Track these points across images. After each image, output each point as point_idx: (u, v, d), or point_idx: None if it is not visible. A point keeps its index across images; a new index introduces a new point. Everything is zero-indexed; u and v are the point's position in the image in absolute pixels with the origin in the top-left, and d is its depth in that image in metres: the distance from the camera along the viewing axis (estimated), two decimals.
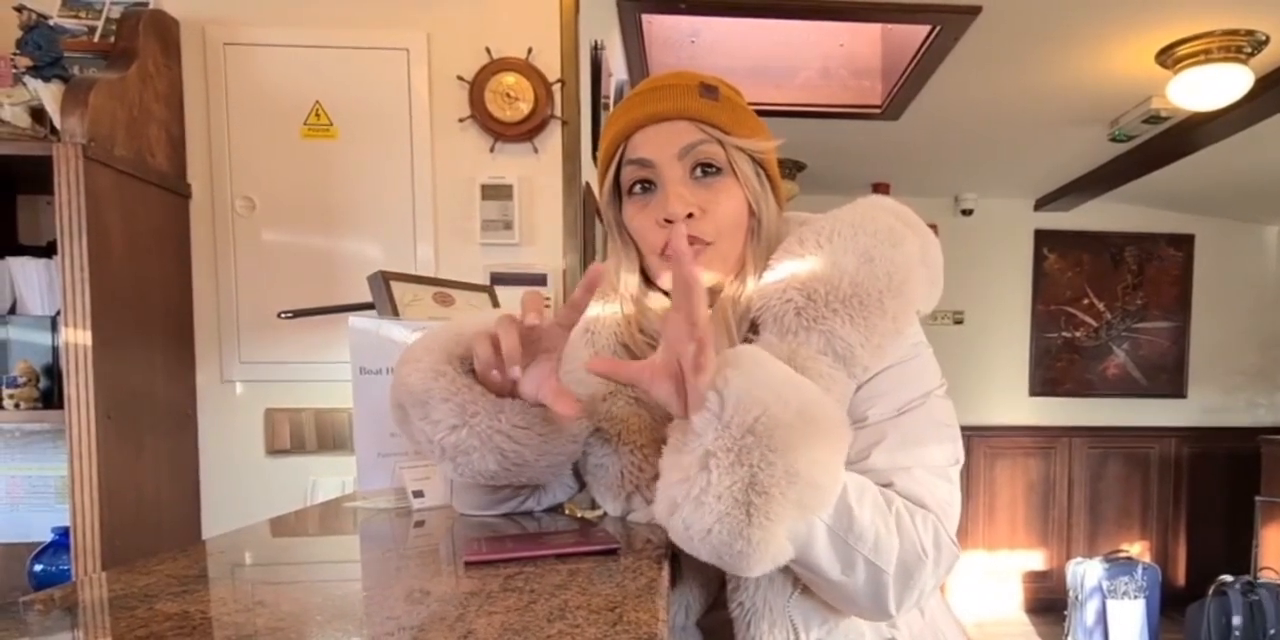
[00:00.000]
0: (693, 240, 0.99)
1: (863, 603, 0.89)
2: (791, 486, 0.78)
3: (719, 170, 1.01)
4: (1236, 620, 4.06)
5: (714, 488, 0.78)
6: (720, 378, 0.79)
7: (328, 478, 2.14)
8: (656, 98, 1.02)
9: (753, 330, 1.00)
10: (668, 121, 1.00)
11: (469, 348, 0.94)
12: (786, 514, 0.79)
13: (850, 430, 0.87)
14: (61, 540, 1.82)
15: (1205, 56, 3.12)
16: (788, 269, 0.97)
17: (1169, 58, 3.19)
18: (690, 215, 0.99)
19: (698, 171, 1.00)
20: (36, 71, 1.77)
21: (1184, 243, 5.61)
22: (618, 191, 1.06)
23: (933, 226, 5.53)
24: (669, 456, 0.84)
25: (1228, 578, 4.20)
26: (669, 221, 0.99)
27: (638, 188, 1.03)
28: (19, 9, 1.82)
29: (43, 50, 1.76)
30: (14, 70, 1.77)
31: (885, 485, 0.90)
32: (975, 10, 2.84)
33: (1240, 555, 4.90)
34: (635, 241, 1.06)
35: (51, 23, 1.86)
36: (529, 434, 0.96)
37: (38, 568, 1.86)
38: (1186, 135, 3.94)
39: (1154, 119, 3.81)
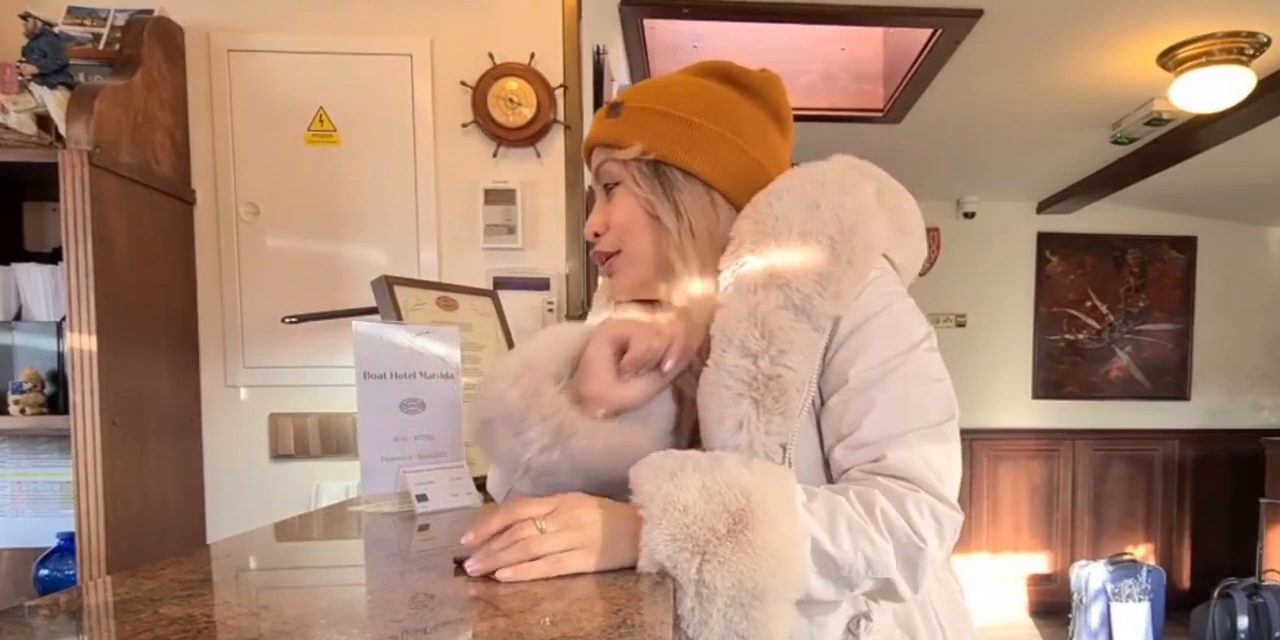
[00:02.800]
0: (602, 256, 1.11)
1: (879, 595, 0.93)
2: (768, 598, 0.82)
3: (618, 184, 1.08)
4: (1242, 623, 4.04)
5: (709, 631, 0.82)
6: (645, 546, 0.82)
7: (332, 482, 2.14)
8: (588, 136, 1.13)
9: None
10: (591, 152, 1.11)
11: (569, 365, 1.03)
12: (775, 610, 0.83)
13: (791, 482, 0.88)
14: (67, 545, 1.82)
15: (1207, 58, 3.12)
16: (743, 232, 1.00)
17: (1170, 60, 3.19)
18: (597, 234, 1.10)
19: (606, 190, 1.10)
20: (42, 79, 1.77)
21: (1186, 245, 5.60)
22: None
23: (935, 229, 5.51)
24: None
25: (1232, 580, 4.19)
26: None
27: None
28: (25, 17, 1.83)
29: (48, 58, 1.77)
30: (20, 77, 1.78)
31: (877, 460, 0.92)
32: (977, 13, 2.84)
33: (1245, 558, 4.89)
34: None
35: (57, 30, 1.87)
36: (622, 453, 0.97)
37: (43, 572, 1.86)
38: (1189, 137, 3.93)
39: (1156, 121, 3.80)
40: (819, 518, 0.86)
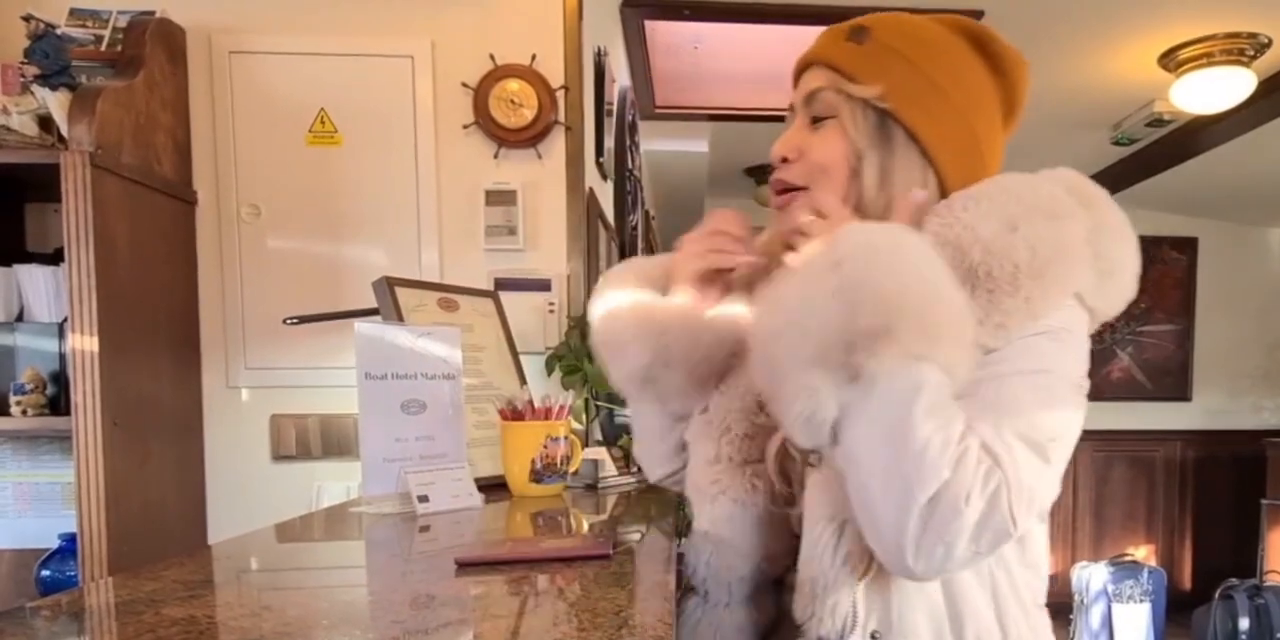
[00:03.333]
0: (782, 185, 1.00)
1: (883, 526, 0.79)
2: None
3: (829, 118, 0.97)
4: (1243, 624, 4.04)
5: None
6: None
7: (333, 483, 2.14)
8: (812, 44, 1.02)
9: None
10: (809, 67, 1.01)
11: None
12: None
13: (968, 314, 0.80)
14: (68, 546, 1.82)
15: (1208, 60, 3.12)
16: (926, 232, 0.88)
17: (1171, 61, 3.20)
18: (786, 160, 0.99)
19: (815, 120, 0.99)
20: (44, 80, 1.77)
21: (1187, 246, 5.60)
22: None
23: None
24: None
25: (1234, 581, 4.19)
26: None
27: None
28: (27, 18, 1.83)
29: (50, 59, 1.77)
30: (22, 79, 1.78)
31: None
32: (977, 14, 2.84)
33: (1246, 558, 4.89)
34: None
35: (59, 32, 1.87)
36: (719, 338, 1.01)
37: (45, 573, 1.86)
38: (1189, 138, 3.94)
39: (1157, 122, 3.81)
40: (931, 395, 0.77)
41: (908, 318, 0.76)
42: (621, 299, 1.08)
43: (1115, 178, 4.67)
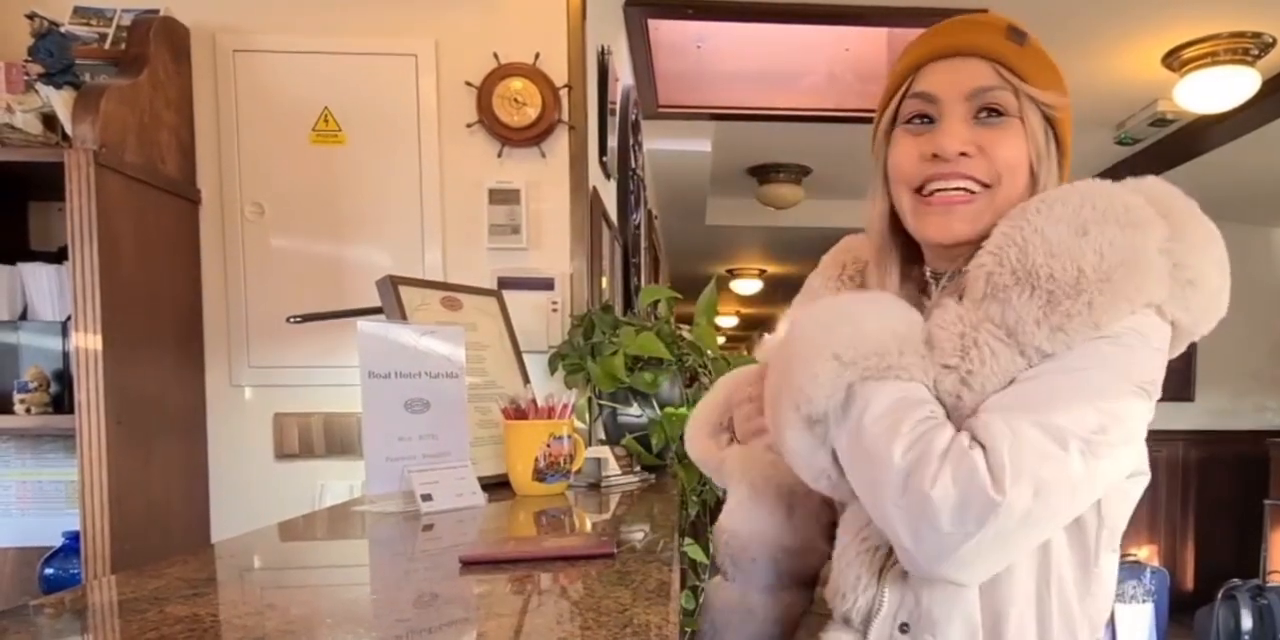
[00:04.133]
0: (963, 180, 0.93)
1: (888, 533, 0.81)
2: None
3: (1005, 115, 0.93)
4: (1246, 624, 4.04)
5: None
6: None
7: (336, 482, 2.14)
8: (960, 31, 0.97)
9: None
10: (964, 57, 0.95)
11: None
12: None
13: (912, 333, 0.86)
14: (72, 544, 1.82)
15: (1212, 59, 3.12)
16: (997, 234, 0.87)
17: (1175, 60, 3.19)
18: (965, 155, 0.93)
19: (982, 114, 0.93)
20: (48, 78, 1.77)
21: None
22: (892, 128, 1.00)
23: None
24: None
25: (1237, 582, 4.18)
26: (936, 157, 0.93)
27: (916, 120, 0.97)
28: (31, 16, 1.83)
29: (54, 57, 1.77)
30: (26, 77, 1.78)
31: (973, 418, 0.81)
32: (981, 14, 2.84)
33: (1249, 559, 4.88)
34: (890, 183, 1.00)
35: (63, 30, 1.87)
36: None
37: (48, 572, 1.86)
38: (1193, 138, 3.93)
39: (1160, 122, 3.81)
40: (881, 399, 0.82)
41: (836, 346, 0.84)
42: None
43: (1118, 177, 4.62)
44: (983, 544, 0.76)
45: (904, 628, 0.87)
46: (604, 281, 2.62)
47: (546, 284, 2.18)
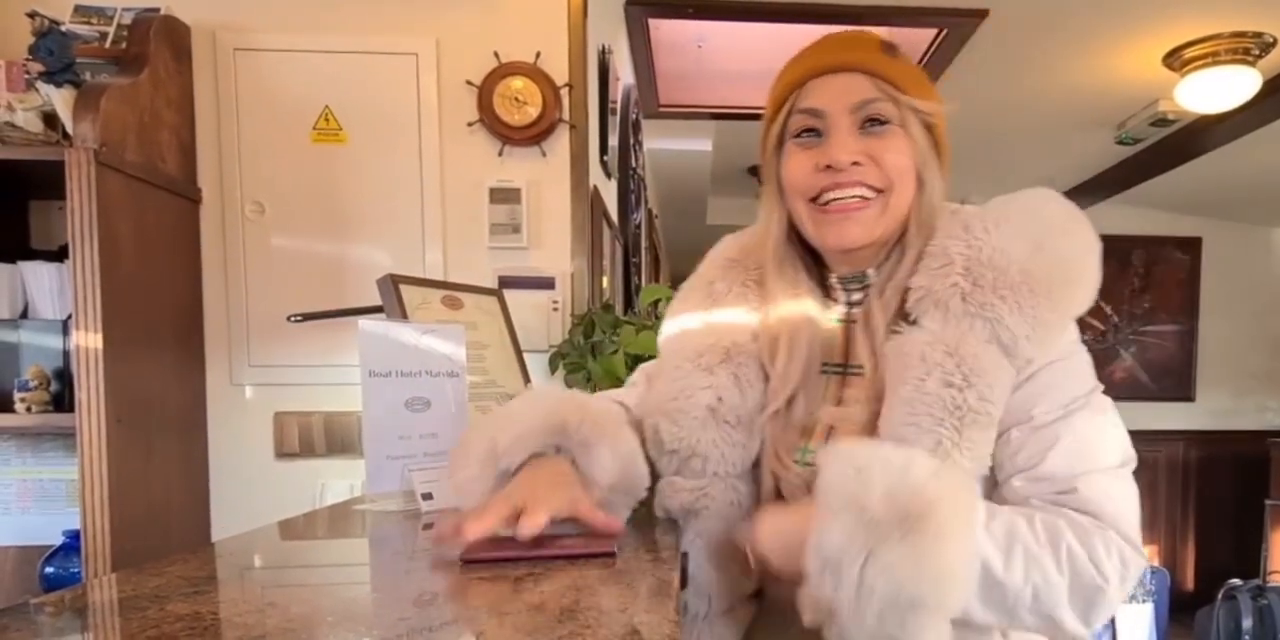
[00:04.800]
0: (858, 187, 0.98)
1: (1043, 634, 0.91)
2: (923, 610, 0.79)
3: (888, 124, 0.99)
4: (1246, 624, 4.03)
5: (858, 627, 0.81)
6: (814, 534, 0.82)
7: (337, 481, 2.14)
8: (839, 48, 1.03)
9: (903, 319, 0.97)
10: (845, 73, 1.00)
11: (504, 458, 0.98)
12: (931, 622, 0.80)
13: (975, 498, 0.86)
14: (72, 543, 1.82)
15: (1213, 59, 3.12)
16: (952, 253, 0.94)
17: (1176, 60, 3.19)
18: (857, 164, 0.98)
19: (868, 124, 0.99)
20: (49, 77, 1.78)
21: (1191, 246, 5.59)
22: (780, 143, 1.05)
23: None
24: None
25: (1237, 582, 4.17)
26: (829, 168, 0.98)
27: (805, 134, 1.02)
28: (32, 15, 1.83)
29: (55, 56, 1.77)
30: (26, 76, 1.78)
31: (1067, 492, 0.89)
32: (982, 14, 2.84)
33: (1250, 559, 4.88)
34: (785, 194, 1.05)
35: (64, 29, 1.87)
36: None
37: (49, 570, 1.86)
38: (1194, 138, 3.93)
39: (1161, 122, 3.80)
40: (996, 540, 0.84)
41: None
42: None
43: (1120, 177, 4.67)
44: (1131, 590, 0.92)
45: None
46: (604, 281, 2.62)
47: (547, 283, 2.18)
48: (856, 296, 1.06)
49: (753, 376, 1.05)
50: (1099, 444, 0.93)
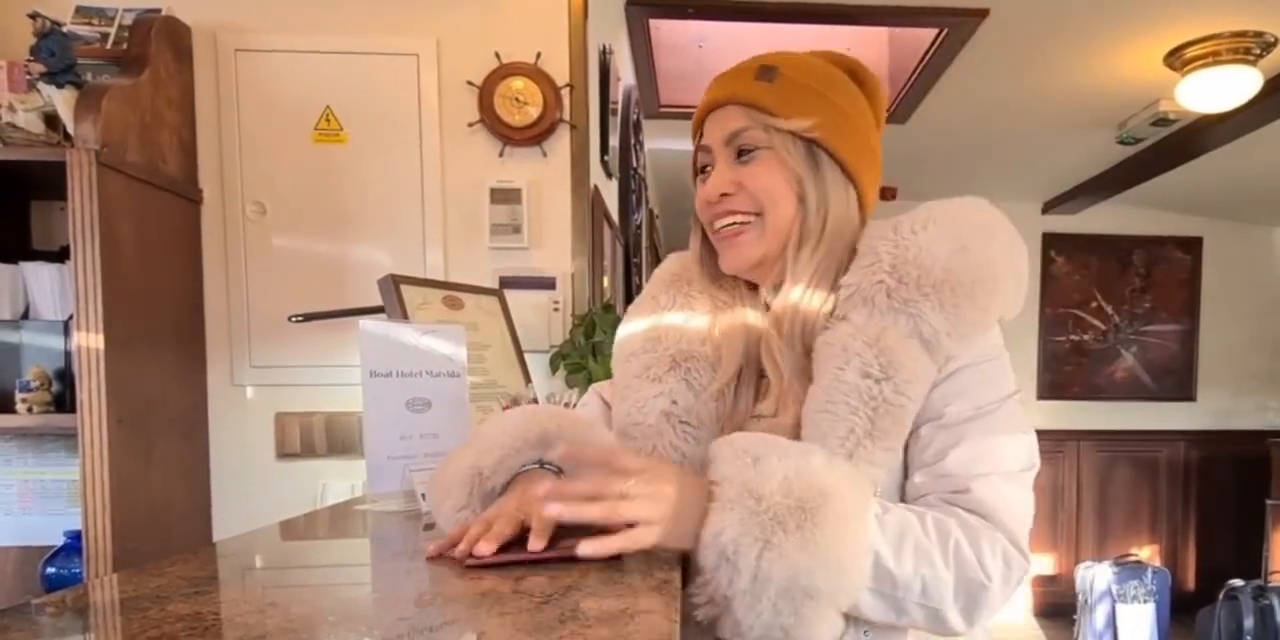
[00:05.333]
0: (731, 215, 1.05)
1: (927, 627, 0.92)
2: (818, 599, 0.82)
3: (757, 150, 1.04)
4: (1248, 624, 4.03)
5: (753, 616, 0.83)
6: (711, 526, 0.83)
7: (338, 481, 2.14)
8: (719, 84, 1.08)
9: (834, 315, 1.00)
10: (724, 107, 1.06)
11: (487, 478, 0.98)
12: (824, 612, 0.84)
13: (869, 491, 0.88)
14: (73, 543, 1.82)
15: (1214, 58, 3.11)
16: (880, 252, 0.98)
17: (1177, 60, 3.19)
18: (726, 195, 1.04)
19: (740, 155, 1.05)
20: (50, 78, 1.78)
21: (1192, 245, 5.59)
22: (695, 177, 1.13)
23: None
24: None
25: (1238, 582, 4.17)
26: (711, 201, 1.06)
27: (705, 170, 1.09)
28: (33, 16, 1.83)
29: (56, 57, 1.77)
30: (28, 76, 1.78)
31: (962, 491, 0.92)
32: (983, 13, 2.84)
33: (1250, 559, 4.88)
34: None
35: (65, 29, 1.87)
36: None
37: (50, 571, 1.86)
38: (1195, 137, 3.93)
39: (1162, 121, 3.80)
40: (888, 533, 0.86)
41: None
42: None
43: (1120, 177, 4.67)
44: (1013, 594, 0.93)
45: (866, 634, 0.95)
46: (605, 281, 2.62)
47: (548, 283, 2.18)
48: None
49: (705, 379, 1.08)
50: (1002, 448, 0.94)
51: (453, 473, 1.00)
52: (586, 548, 0.81)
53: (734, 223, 1.05)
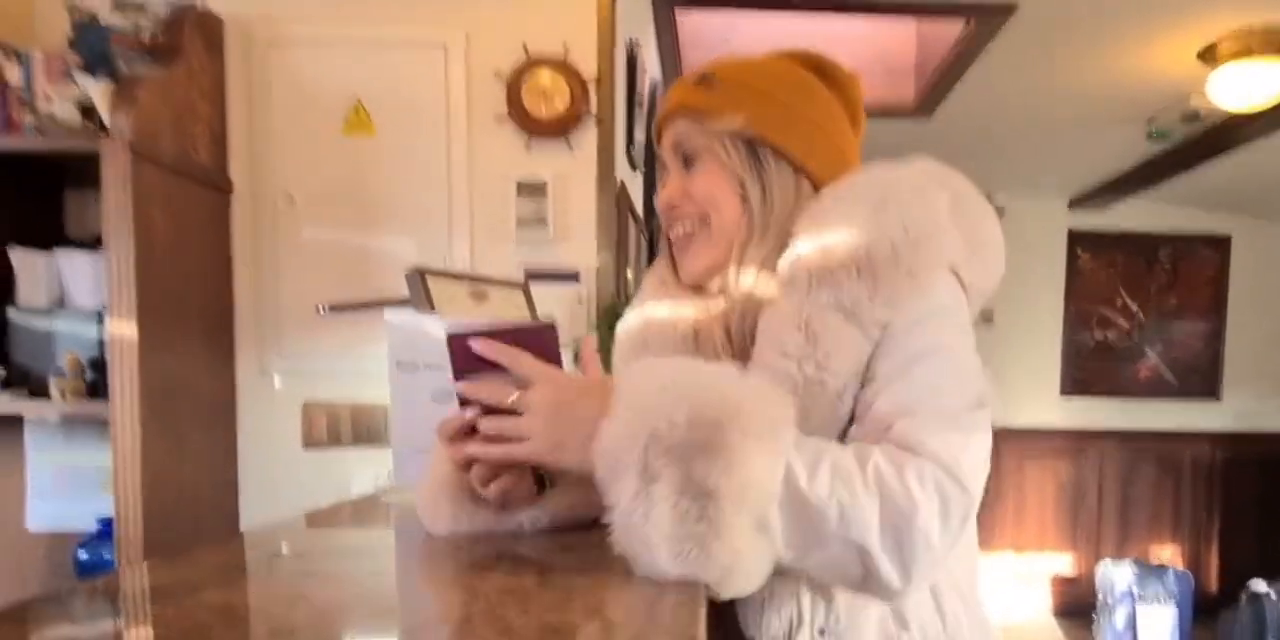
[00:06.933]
0: (679, 223, 1.06)
1: (861, 579, 0.82)
2: (714, 499, 0.75)
3: (699, 156, 1.04)
4: (1271, 627, 4.00)
5: (654, 528, 0.75)
6: (599, 439, 0.78)
7: (363, 470, 2.16)
8: (667, 98, 1.09)
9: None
10: (672, 119, 1.06)
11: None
12: (734, 521, 0.75)
13: (786, 408, 0.82)
14: (105, 530, 1.85)
15: (1247, 53, 3.07)
16: (801, 226, 0.97)
17: (1210, 54, 3.14)
18: (673, 206, 1.06)
19: (686, 163, 1.06)
20: (86, 69, 1.80)
21: (1220, 243, 5.52)
22: None
23: None
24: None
25: (1261, 584, 4.14)
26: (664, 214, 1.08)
27: (664, 181, 1.10)
28: (70, 8, 1.85)
29: (93, 48, 1.80)
30: (65, 68, 1.80)
31: (886, 429, 0.85)
32: (1011, 6, 2.81)
33: (1274, 561, 4.83)
34: None
35: (101, 21, 1.89)
36: None
37: (83, 556, 1.89)
38: (1226, 133, 3.87)
39: (1192, 117, 3.75)
40: (803, 451, 0.80)
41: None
42: None
43: (1148, 173, 4.61)
44: (959, 534, 0.83)
45: (822, 632, 0.92)
46: (629, 274, 2.62)
47: (573, 277, 2.18)
48: None
49: None
50: (934, 388, 0.87)
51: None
52: (473, 447, 0.86)
53: (684, 231, 1.06)
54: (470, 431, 0.89)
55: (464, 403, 0.89)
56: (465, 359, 0.89)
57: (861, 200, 0.94)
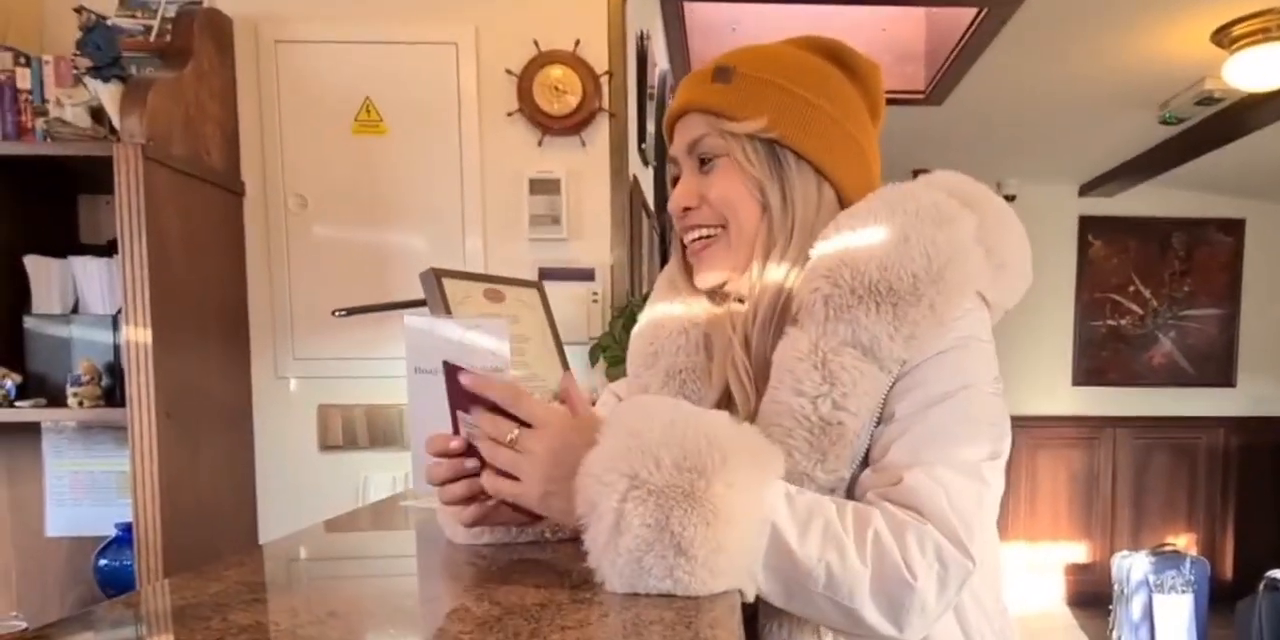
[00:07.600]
0: (697, 231, 1.01)
1: (850, 627, 0.82)
2: (688, 558, 0.73)
3: (717, 158, 0.99)
4: None
5: (610, 581, 0.75)
6: (580, 477, 0.77)
7: (379, 473, 2.16)
8: (681, 92, 1.03)
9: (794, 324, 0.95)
10: (686, 115, 1.02)
11: None
12: (705, 581, 0.74)
13: (777, 462, 0.81)
14: (124, 536, 1.85)
15: (1264, 35, 3.03)
16: (819, 255, 0.92)
17: (1225, 37, 3.11)
18: (689, 209, 1.01)
19: (702, 165, 1.01)
20: (96, 72, 1.79)
21: (1235, 228, 5.48)
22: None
23: None
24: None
25: (1278, 573, 4.12)
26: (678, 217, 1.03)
27: (676, 182, 1.05)
28: (78, 10, 1.84)
29: (102, 51, 1.78)
30: (74, 71, 1.79)
31: (894, 483, 0.83)
32: None
33: None
34: None
35: (109, 23, 1.88)
36: None
37: (102, 562, 1.89)
38: (1240, 117, 3.84)
39: (1207, 100, 3.71)
40: (796, 509, 0.78)
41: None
42: None
43: (1161, 158, 4.58)
44: (958, 595, 0.83)
45: None
46: (643, 270, 2.61)
47: (587, 275, 2.17)
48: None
49: (703, 390, 1.04)
50: (951, 436, 0.85)
51: None
52: (486, 479, 0.84)
53: (700, 237, 1.01)
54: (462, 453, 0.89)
55: (456, 427, 0.90)
56: (464, 392, 0.90)
57: (880, 230, 0.90)
